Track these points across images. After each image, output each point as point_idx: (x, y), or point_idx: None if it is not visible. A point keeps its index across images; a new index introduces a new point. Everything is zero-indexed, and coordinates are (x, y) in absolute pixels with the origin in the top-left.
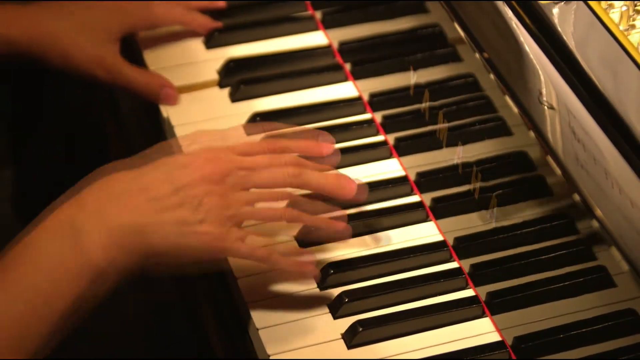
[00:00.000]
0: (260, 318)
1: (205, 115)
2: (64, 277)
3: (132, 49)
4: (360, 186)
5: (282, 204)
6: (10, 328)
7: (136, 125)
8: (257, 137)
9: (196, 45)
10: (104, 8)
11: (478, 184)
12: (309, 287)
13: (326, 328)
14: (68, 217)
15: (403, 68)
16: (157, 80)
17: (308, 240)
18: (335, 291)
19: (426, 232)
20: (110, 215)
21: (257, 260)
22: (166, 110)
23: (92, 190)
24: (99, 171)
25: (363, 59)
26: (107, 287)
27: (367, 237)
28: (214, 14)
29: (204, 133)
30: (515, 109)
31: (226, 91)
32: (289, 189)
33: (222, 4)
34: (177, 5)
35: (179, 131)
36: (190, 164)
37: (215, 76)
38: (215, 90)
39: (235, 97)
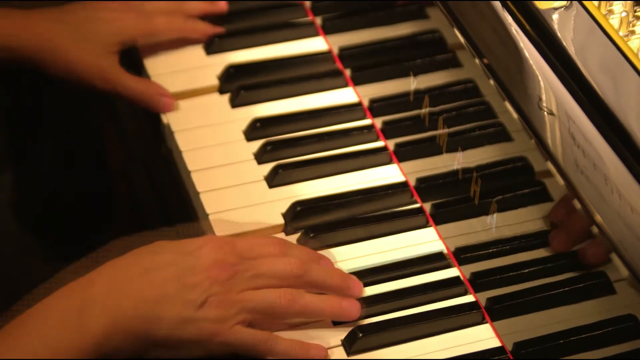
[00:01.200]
0: None
1: (206, 121)
2: (65, 351)
3: (133, 55)
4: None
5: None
6: None
7: (136, 130)
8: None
9: (196, 51)
10: (104, 19)
11: (478, 190)
12: None
13: (326, 335)
14: (76, 296)
15: (403, 74)
16: (155, 89)
17: None
18: None
19: (426, 238)
20: (118, 302)
21: (262, 355)
22: (166, 117)
23: (102, 273)
24: (119, 243)
25: (363, 64)
26: None
27: (367, 243)
28: (215, 18)
29: (215, 237)
30: (515, 115)
31: (226, 97)
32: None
33: (222, 5)
34: (178, 15)
35: (179, 137)
36: (198, 266)
37: (215, 82)
38: (216, 96)
39: (235, 103)
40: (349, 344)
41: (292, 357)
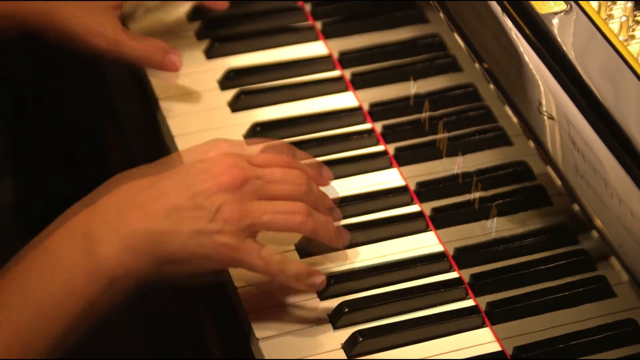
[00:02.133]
0: (260, 328)
1: (206, 125)
2: (76, 281)
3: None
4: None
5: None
6: (22, 328)
7: (136, 132)
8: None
9: (197, 55)
10: None
11: (478, 194)
12: (310, 297)
13: (326, 338)
14: (83, 225)
15: (403, 78)
16: (159, 45)
17: (309, 248)
18: (336, 301)
19: (426, 242)
20: (126, 223)
21: (270, 276)
22: (166, 121)
23: (107, 198)
24: (116, 179)
25: (363, 68)
26: (121, 294)
27: (367, 247)
28: (215, 22)
29: (223, 140)
30: (515, 119)
31: (227, 101)
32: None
33: (224, 4)
34: None
35: (179, 141)
36: (208, 171)
37: (215, 86)
38: (216, 100)
39: (235, 107)
40: (350, 348)
41: (300, 283)
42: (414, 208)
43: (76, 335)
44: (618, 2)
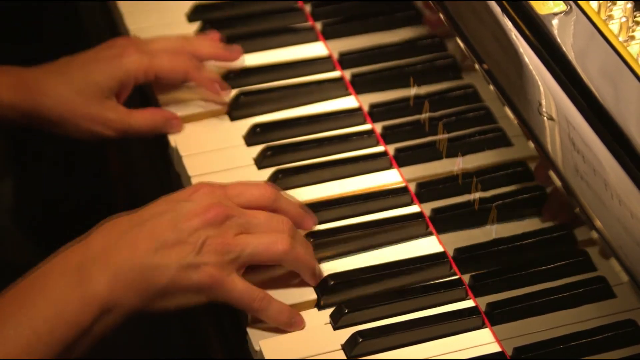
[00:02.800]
0: (260, 328)
1: (207, 137)
2: (69, 309)
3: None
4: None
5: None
6: (16, 352)
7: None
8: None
9: None
10: (105, 58)
11: (478, 195)
12: (309, 299)
13: (326, 339)
14: (75, 258)
15: (403, 79)
16: (162, 115)
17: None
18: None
19: (426, 243)
20: (116, 257)
21: (252, 312)
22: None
23: (98, 233)
24: (106, 220)
25: (363, 69)
26: (111, 323)
27: (367, 248)
28: (215, 24)
29: (206, 183)
30: (515, 120)
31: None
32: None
33: (237, 53)
34: (183, 55)
35: (179, 143)
36: (193, 209)
37: None
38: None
39: (234, 114)
40: (349, 348)
41: (279, 322)
42: (414, 209)
43: (71, 357)
44: (618, 3)
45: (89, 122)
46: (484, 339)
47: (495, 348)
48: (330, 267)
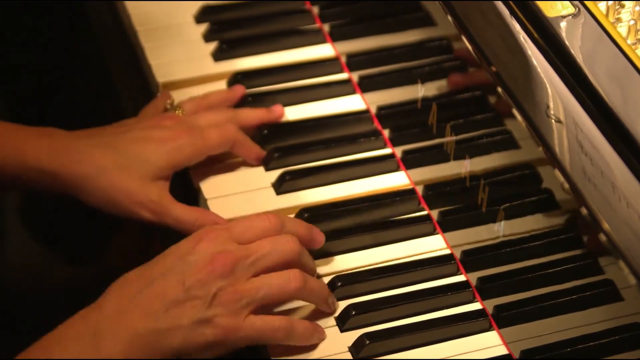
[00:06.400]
0: None
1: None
2: None
3: None
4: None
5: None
6: None
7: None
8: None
9: (204, 57)
10: (156, 139)
11: (485, 197)
12: None
13: (333, 341)
14: (89, 321)
15: (411, 81)
16: (208, 218)
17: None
18: (342, 304)
19: (433, 245)
20: (129, 321)
21: (278, 342)
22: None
23: (110, 295)
24: (118, 281)
25: (371, 71)
26: None
27: (374, 250)
28: (223, 26)
29: (208, 229)
30: (522, 123)
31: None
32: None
33: (279, 112)
34: (230, 126)
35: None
36: (199, 262)
37: (224, 88)
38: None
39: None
40: (356, 350)
41: (306, 342)
42: (421, 211)
43: None
44: (626, 5)
45: (126, 199)
46: (491, 342)
47: (502, 351)
48: (336, 269)
